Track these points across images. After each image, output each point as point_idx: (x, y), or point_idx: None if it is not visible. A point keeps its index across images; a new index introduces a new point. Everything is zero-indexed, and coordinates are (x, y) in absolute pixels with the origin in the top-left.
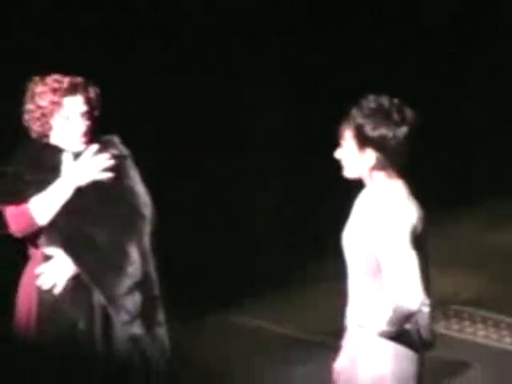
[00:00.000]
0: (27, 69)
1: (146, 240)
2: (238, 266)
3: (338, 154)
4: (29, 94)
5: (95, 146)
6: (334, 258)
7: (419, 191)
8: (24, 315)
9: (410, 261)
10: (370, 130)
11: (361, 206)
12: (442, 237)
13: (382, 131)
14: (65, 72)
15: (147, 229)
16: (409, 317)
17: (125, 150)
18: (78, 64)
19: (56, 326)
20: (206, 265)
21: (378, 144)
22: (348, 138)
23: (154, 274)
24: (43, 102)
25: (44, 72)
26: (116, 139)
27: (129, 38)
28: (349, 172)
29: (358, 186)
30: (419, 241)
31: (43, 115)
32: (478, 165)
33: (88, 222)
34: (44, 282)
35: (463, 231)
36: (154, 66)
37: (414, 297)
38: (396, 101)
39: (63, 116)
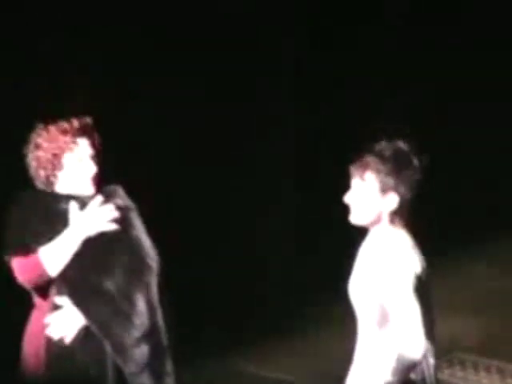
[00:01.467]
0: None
1: (154, 291)
2: (238, 313)
3: (348, 198)
4: (32, 145)
5: (100, 197)
6: (336, 305)
7: (419, 236)
8: (32, 365)
9: (413, 311)
10: (394, 174)
11: (365, 253)
12: (442, 284)
13: (406, 175)
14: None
15: (154, 280)
16: (412, 366)
17: (129, 201)
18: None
19: (67, 377)
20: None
21: (399, 189)
22: (368, 181)
23: (161, 325)
24: (54, 144)
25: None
26: (120, 190)
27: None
28: (358, 217)
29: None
30: (423, 290)
31: (55, 156)
32: (477, 208)
33: (95, 272)
34: (54, 332)
35: (464, 277)
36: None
37: (417, 346)
38: (410, 146)
39: (77, 158)
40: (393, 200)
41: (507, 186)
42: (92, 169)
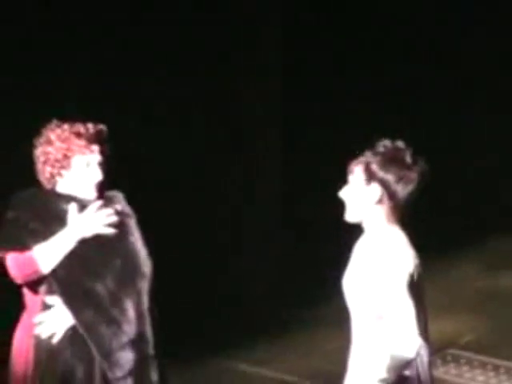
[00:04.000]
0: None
1: (145, 299)
2: (230, 311)
3: (343, 193)
4: (43, 139)
5: (100, 201)
6: (331, 303)
7: (418, 232)
8: (21, 364)
9: (406, 308)
10: (380, 166)
11: (360, 251)
12: (438, 280)
13: (392, 170)
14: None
15: (146, 287)
16: (406, 363)
17: (128, 208)
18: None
19: (54, 375)
20: (197, 309)
21: (384, 180)
22: (357, 173)
23: (149, 334)
24: (66, 144)
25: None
26: (121, 196)
27: None
28: (351, 214)
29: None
30: (416, 288)
31: (65, 157)
32: (478, 205)
33: (88, 274)
34: (42, 331)
35: (461, 274)
36: None
37: (410, 343)
38: (410, 148)
39: (86, 162)
40: (376, 190)
41: (497, 185)
42: (98, 176)
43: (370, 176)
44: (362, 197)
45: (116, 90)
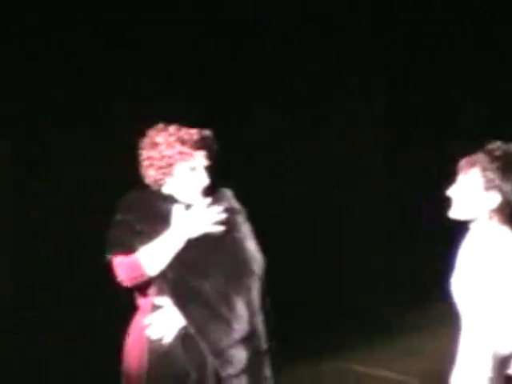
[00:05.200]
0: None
1: (255, 296)
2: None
3: (451, 191)
4: (148, 142)
5: (207, 199)
6: (439, 302)
7: None
8: (135, 366)
9: (507, 308)
10: (499, 174)
11: (469, 250)
12: None
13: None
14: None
15: (256, 284)
16: (506, 362)
17: (237, 205)
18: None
19: (168, 376)
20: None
21: (504, 190)
22: (472, 176)
23: (261, 330)
24: (170, 151)
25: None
26: (229, 192)
27: None
28: (457, 212)
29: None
30: None
31: (169, 164)
32: None
33: (196, 273)
34: (153, 333)
35: None
36: None
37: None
38: None
39: (190, 167)
40: (495, 199)
41: None
42: (204, 180)
43: (489, 183)
44: (478, 201)
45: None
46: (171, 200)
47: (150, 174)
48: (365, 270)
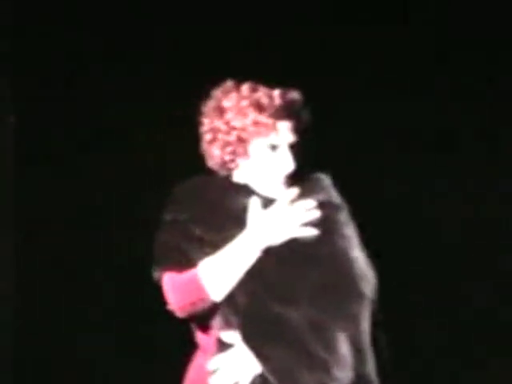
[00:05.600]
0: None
1: (365, 328)
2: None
3: None
4: (212, 106)
5: (295, 190)
6: None
7: None
8: None
9: None
10: None
11: None
12: None
13: None
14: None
15: (366, 313)
16: None
17: (338, 198)
18: None
19: None
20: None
21: None
22: None
23: (373, 376)
24: (241, 120)
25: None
26: (327, 181)
27: None
28: None
29: None
30: None
31: (240, 140)
32: None
33: (278, 297)
34: (219, 382)
35: None
36: None
37: None
38: None
39: (270, 145)
40: None
41: None
42: (289, 164)
43: None
44: None
45: None
46: (244, 191)
47: (213, 154)
48: None
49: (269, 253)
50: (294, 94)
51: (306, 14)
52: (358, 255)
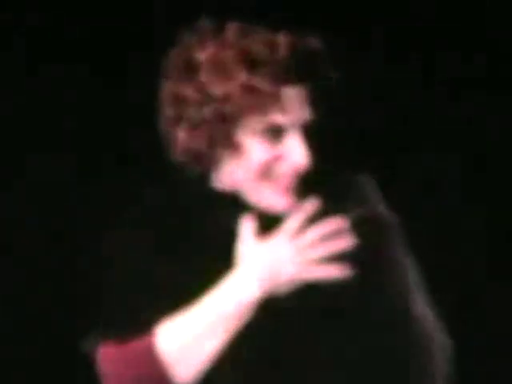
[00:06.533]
0: None
1: None
2: None
3: None
4: (178, 61)
5: (314, 202)
6: None
7: None
8: None
9: None
10: None
11: None
12: None
13: None
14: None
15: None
16: None
17: (387, 212)
18: None
19: None
20: None
21: None
22: None
23: None
24: (223, 85)
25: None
26: (368, 185)
27: None
28: None
29: None
30: None
31: (221, 118)
32: None
33: (288, 379)
34: None
35: None
36: None
37: None
38: None
39: (271, 127)
40: None
41: None
42: (302, 159)
43: None
44: None
45: None
46: (229, 205)
47: (178, 140)
48: None
49: (269, 309)
50: (312, 42)
51: None
52: (421, 310)
